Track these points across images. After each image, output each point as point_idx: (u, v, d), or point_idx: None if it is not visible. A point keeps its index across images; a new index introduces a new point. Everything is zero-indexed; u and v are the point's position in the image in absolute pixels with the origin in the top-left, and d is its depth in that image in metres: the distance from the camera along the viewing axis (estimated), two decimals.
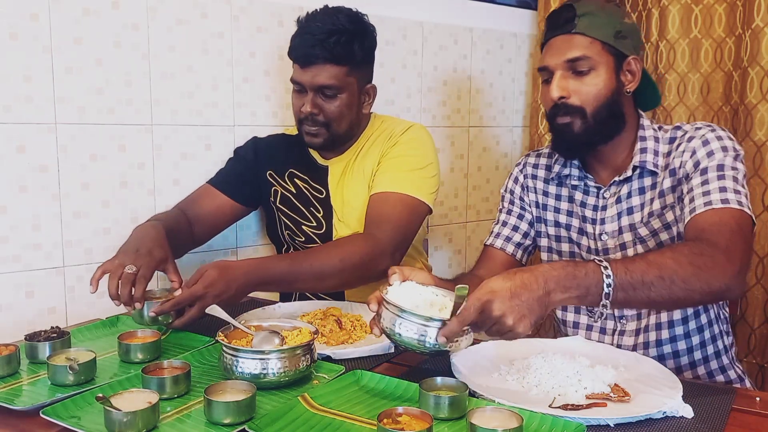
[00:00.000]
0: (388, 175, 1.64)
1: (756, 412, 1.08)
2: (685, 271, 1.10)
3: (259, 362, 1.08)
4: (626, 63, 1.38)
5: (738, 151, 1.34)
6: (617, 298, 1.08)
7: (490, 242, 1.61)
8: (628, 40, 1.37)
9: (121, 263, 1.33)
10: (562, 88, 1.36)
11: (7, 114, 1.53)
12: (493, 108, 2.45)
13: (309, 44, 1.56)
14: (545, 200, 1.57)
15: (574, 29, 1.35)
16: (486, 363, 1.21)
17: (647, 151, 1.40)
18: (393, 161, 1.65)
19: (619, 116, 1.39)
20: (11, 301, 1.58)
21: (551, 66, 1.38)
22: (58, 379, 1.10)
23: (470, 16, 2.35)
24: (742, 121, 2.02)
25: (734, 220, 1.23)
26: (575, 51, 1.35)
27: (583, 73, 1.35)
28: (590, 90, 1.35)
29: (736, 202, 1.25)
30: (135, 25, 1.68)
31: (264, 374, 1.08)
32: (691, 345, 1.44)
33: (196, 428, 0.97)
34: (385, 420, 0.92)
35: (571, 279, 1.07)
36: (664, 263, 1.10)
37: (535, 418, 0.98)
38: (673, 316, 1.43)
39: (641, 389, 1.09)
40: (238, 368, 1.09)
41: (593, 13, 1.35)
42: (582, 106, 1.36)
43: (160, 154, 1.76)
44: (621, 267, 1.09)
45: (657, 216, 1.39)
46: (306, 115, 1.61)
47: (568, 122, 1.37)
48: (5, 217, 1.55)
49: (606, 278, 1.07)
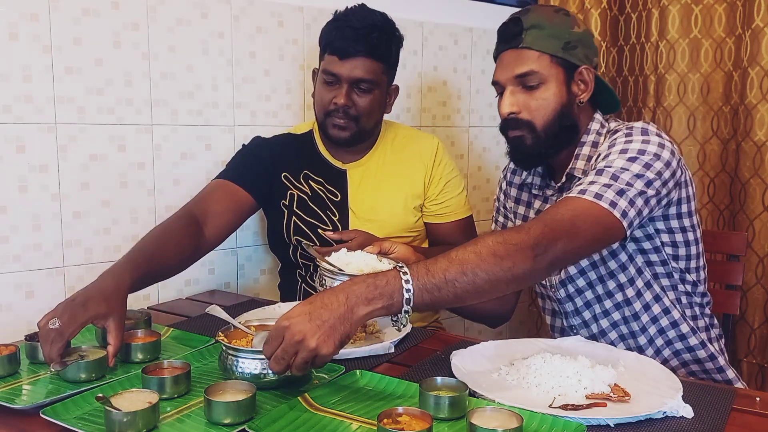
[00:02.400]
0: (453, 202, 1.78)
1: (756, 412, 1.08)
2: (487, 263, 1.07)
3: (259, 362, 1.08)
4: (577, 73, 1.37)
5: (642, 153, 1.25)
6: (422, 300, 1.05)
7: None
8: (578, 50, 1.36)
9: (51, 316, 1.14)
10: (511, 104, 1.36)
11: (7, 114, 1.53)
12: (493, 108, 2.43)
13: (351, 37, 1.58)
14: (516, 208, 1.58)
15: (521, 44, 1.35)
16: (486, 363, 1.21)
17: (579, 157, 1.39)
18: (449, 187, 1.78)
19: (571, 128, 1.39)
20: (11, 301, 1.58)
21: (501, 81, 1.38)
22: (69, 375, 1.11)
23: (470, 16, 2.35)
24: (742, 121, 2.02)
25: (573, 209, 1.18)
26: (523, 66, 1.34)
27: (533, 87, 1.35)
28: (540, 104, 1.35)
29: (593, 195, 1.20)
30: (135, 25, 1.68)
31: (264, 374, 1.08)
32: (642, 325, 1.43)
33: (196, 428, 0.97)
34: (385, 420, 0.92)
35: (372, 290, 1.03)
36: (466, 258, 1.08)
37: (535, 418, 0.98)
38: (624, 312, 1.43)
39: (641, 389, 1.09)
40: (238, 368, 1.09)
41: (540, 25, 1.34)
42: (531, 121, 1.36)
43: (160, 154, 1.76)
44: (422, 269, 1.07)
45: None
46: (338, 107, 1.62)
47: (519, 136, 1.37)
48: (5, 217, 1.55)
49: (405, 283, 1.04)
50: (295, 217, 1.73)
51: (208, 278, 1.88)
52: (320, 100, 1.67)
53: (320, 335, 0.99)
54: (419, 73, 2.24)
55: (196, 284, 1.86)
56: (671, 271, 1.42)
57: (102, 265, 1.68)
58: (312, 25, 1.96)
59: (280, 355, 1.00)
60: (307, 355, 0.99)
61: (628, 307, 1.43)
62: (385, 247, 1.40)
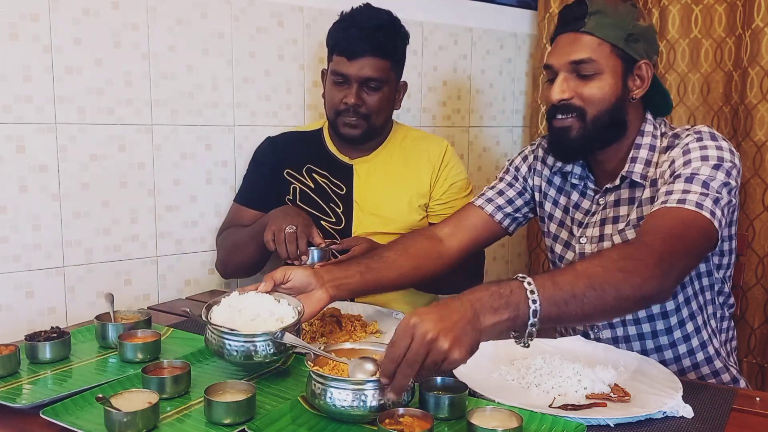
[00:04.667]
0: (459, 203, 1.74)
1: (756, 412, 1.08)
2: (615, 278, 1.02)
3: (351, 392, 0.97)
4: (636, 67, 1.31)
5: (722, 161, 1.24)
6: (549, 314, 0.98)
7: (479, 204, 1.51)
8: (640, 44, 1.30)
9: (279, 228, 1.47)
10: (563, 90, 1.30)
11: (7, 114, 1.53)
12: (493, 108, 2.45)
13: (358, 37, 1.61)
14: (548, 189, 1.50)
15: (582, 28, 1.28)
16: (486, 363, 1.21)
17: (637, 161, 1.34)
18: (454, 188, 1.79)
19: (620, 123, 1.33)
20: (11, 301, 1.58)
21: (555, 66, 1.32)
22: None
23: (470, 16, 2.35)
24: (742, 121, 2.02)
25: (681, 220, 1.15)
26: (581, 52, 1.28)
27: (587, 76, 1.29)
28: (594, 94, 1.29)
29: (694, 204, 1.16)
30: (135, 25, 1.68)
31: (357, 405, 0.97)
32: (673, 339, 1.38)
33: (196, 428, 0.97)
34: (386, 420, 0.92)
35: (497, 298, 0.97)
36: (593, 272, 1.02)
37: (535, 418, 0.98)
38: (652, 310, 1.37)
39: (641, 389, 1.09)
40: (327, 398, 0.97)
41: (605, 12, 1.28)
42: (583, 108, 1.30)
43: (160, 154, 1.76)
44: (547, 280, 1.00)
45: (633, 227, 1.33)
46: (348, 107, 1.65)
47: (566, 125, 1.32)
48: (5, 217, 1.55)
49: (530, 294, 0.97)
50: None
51: (208, 278, 1.88)
52: (330, 100, 1.70)
53: (452, 337, 0.91)
54: (419, 73, 2.24)
55: (196, 284, 1.86)
56: (713, 283, 1.39)
57: (102, 265, 1.69)
58: (312, 25, 1.96)
59: (411, 358, 0.91)
60: (439, 357, 0.91)
61: (662, 321, 1.37)
62: (278, 277, 1.24)
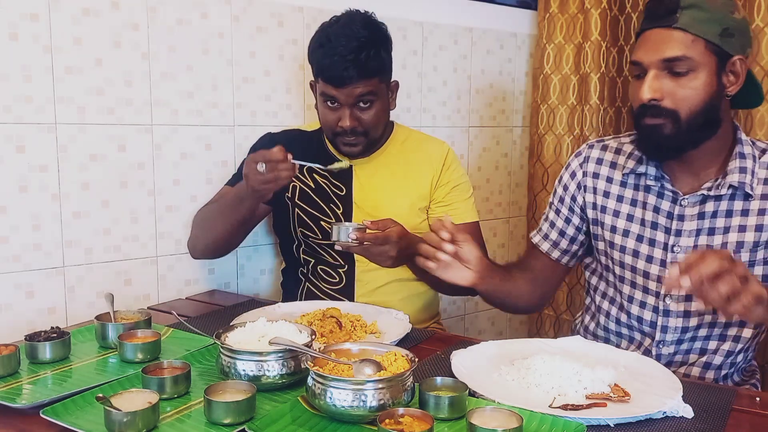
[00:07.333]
0: (460, 206, 1.76)
1: (756, 412, 1.08)
2: None
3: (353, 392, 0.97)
4: (730, 63, 1.24)
5: None
6: None
7: (537, 242, 1.54)
8: (735, 38, 1.23)
9: (252, 171, 1.44)
10: (655, 89, 1.23)
11: (7, 114, 1.53)
12: (493, 108, 2.45)
13: (341, 66, 1.55)
14: (605, 202, 1.43)
15: (675, 23, 1.21)
16: (486, 363, 1.21)
17: (746, 171, 1.27)
18: (456, 191, 1.76)
19: (714, 121, 1.27)
20: (11, 301, 1.58)
21: (645, 63, 1.25)
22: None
23: (470, 16, 2.35)
24: (742, 121, 2.02)
25: None
26: (674, 50, 1.21)
27: (680, 74, 1.22)
28: (687, 94, 1.22)
29: None
30: (135, 25, 1.68)
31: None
32: (721, 362, 1.36)
33: (196, 428, 0.97)
34: (386, 420, 0.92)
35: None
36: None
37: (535, 418, 0.98)
38: (726, 330, 1.35)
39: (641, 389, 1.09)
40: (328, 398, 0.97)
41: (700, 5, 1.21)
42: (676, 110, 1.23)
43: (160, 154, 1.76)
44: None
45: (740, 245, 1.29)
46: (345, 130, 1.62)
47: (658, 125, 1.25)
48: (5, 217, 1.55)
49: None
50: (299, 210, 1.74)
51: (208, 278, 1.88)
52: (325, 120, 1.67)
53: None
54: (419, 73, 2.24)
55: (195, 284, 1.86)
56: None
57: (102, 265, 1.69)
58: (312, 25, 1.96)
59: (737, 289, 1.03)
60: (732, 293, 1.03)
61: (729, 328, 1.35)
62: (460, 238, 1.32)
